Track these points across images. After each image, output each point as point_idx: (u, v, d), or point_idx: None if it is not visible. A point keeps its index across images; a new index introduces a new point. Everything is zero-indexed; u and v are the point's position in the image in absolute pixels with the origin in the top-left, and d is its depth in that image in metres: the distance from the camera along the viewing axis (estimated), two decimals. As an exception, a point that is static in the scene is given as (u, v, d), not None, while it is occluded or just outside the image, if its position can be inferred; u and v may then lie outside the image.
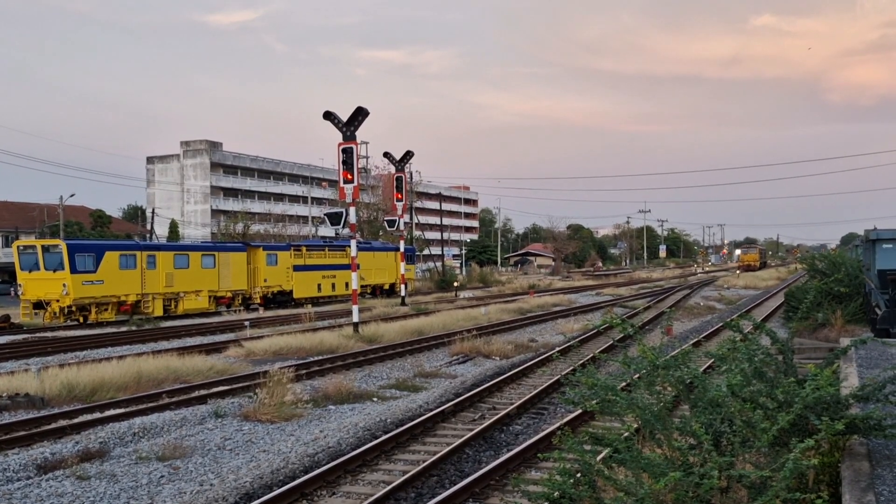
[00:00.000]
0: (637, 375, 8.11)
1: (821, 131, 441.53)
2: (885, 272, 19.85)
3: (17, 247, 36.75)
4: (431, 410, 15.08)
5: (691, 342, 23.31)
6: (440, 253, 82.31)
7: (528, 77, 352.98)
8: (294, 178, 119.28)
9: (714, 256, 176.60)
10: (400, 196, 44.21)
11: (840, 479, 7.12)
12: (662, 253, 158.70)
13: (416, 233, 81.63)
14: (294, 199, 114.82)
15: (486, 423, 13.96)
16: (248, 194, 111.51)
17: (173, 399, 16.60)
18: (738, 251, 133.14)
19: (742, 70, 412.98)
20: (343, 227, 36.37)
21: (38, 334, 31.86)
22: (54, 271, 34.65)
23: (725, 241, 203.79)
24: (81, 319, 35.64)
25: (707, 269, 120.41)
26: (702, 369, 9.73)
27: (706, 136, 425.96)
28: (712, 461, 6.36)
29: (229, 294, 42.92)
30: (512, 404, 15.62)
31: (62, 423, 14.31)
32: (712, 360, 9.01)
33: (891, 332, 18.88)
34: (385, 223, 56.21)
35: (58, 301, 34.56)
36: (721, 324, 27.62)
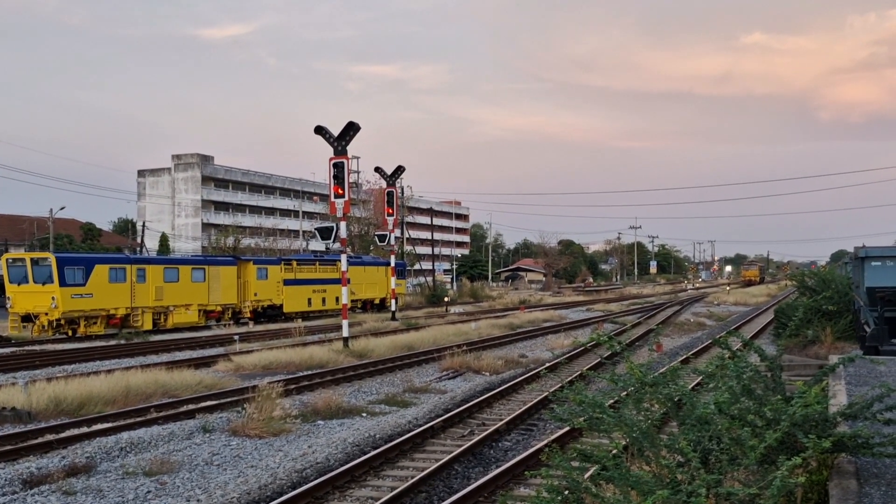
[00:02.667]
0: (625, 392, 8.11)
1: (811, 148, 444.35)
2: (874, 289, 19.91)
3: (7, 259, 36.61)
4: (421, 426, 15.05)
5: (680, 359, 23.34)
6: (431, 268, 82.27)
7: (519, 93, 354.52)
8: (285, 192, 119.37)
9: (704, 273, 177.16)
10: (391, 211, 44.25)
11: (828, 496, 7.13)
12: (653, 269, 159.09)
13: (407, 247, 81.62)
14: (285, 213, 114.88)
15: (476, 438, 13.93)
16: (239, 208, 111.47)
17: (161, 413, 16.52)
18: (728, 268, 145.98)
19: (733, 87, 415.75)
20: (334, 241, 36.34)
21: (26, 348, 31.68)
22: (43, 284, 34.51)
23: (716, 258, 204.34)
24: (70, 333, 35.48)
25: (697, 285, 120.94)
26: (690, 386, 9.73)
27: (697, 153, 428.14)
28: (700, 479, 6.35)
29: (219, 308, 42.79)
30: (501, 420, 15.60)
31: (49, 437, 14.22)
32: (701, 377, 9.01)
33: (880, 349, 18.92)
34: (376, 238, 56.20)
35: (46, 314, 34.41)
36: (710, 340, 27.67)
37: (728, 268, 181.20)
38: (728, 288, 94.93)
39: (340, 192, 28.48)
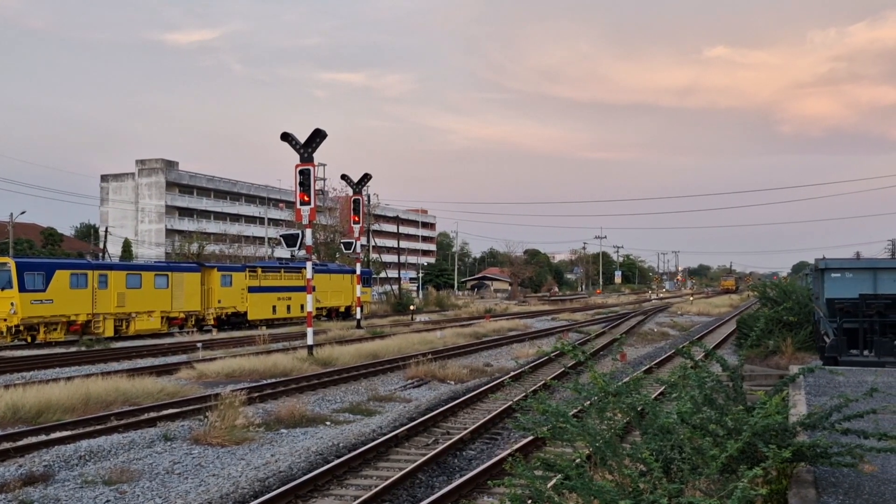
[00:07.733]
0: (588, 402, 8.13)
1: (773, 161, 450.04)
2: (834, 301, 20.21)
3: (-36, 264, 35.96)
4: (385, 435, 14.99)
5: (643, 369, 23.49)
6: (397, 276, 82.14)
7: (486, 102, 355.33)
8: (251, 199, 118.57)
9: (668, 283, 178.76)
10: (357, 218, 44.14)
11: (787, 506, 7.20)
12: (618, 279, 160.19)
13: (373, 255, 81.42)
14: (250, 219, 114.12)
15: (440, 447, 13.90)
16: (204, 214, 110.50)
17: (122, 422, 16.31)
18: (689, 281, 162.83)
19: (697, 100, 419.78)
20: (299, 248, 36.14)
21: (-17, 354, 31.12)
22: (2, 290, 33.98)
23: (679, 268, 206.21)
24: (29, 339, 34.92)
25: (661, 295, 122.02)
26: (653, 396, 9.79)
27: (662, 164, 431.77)
28: (662, 488, 6.38)
29: (182, 315, 42.38)
30: (466, 429, 15.58)
31: (6, 445, 13.96)
32: (664, 386, 9.08)
33: (839, 360, 19.19)
34: (342, 245, 56.01)
35: (5, 320, 33.85)
36: (673, 350, 27.86)
37: (690, 280, 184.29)
38: (692, 298, 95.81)
39: (306, 199, 28.37)
